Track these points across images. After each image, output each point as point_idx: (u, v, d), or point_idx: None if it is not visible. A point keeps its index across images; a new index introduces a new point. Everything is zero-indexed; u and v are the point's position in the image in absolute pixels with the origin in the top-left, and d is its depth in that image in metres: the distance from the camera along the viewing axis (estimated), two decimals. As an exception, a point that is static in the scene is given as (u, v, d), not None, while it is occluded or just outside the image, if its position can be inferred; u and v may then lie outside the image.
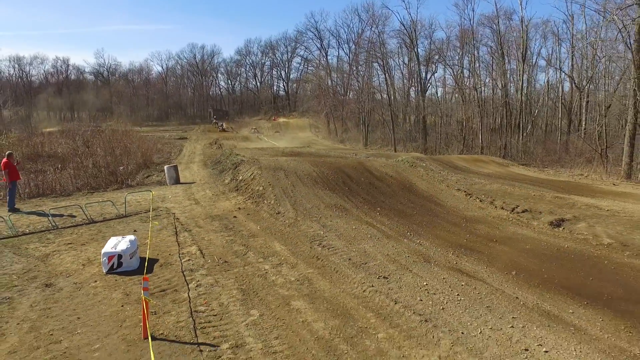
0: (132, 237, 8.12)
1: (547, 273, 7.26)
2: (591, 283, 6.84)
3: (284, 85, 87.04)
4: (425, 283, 6.76)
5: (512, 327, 5.33)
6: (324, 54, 74.86)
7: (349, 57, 66.47)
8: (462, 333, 5.19)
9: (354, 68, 60.11)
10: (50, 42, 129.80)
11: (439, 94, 54.02)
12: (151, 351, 4.41)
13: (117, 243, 7.70)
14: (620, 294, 6.40)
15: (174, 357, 4.75)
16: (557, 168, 25.72)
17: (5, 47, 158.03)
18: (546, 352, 4.76)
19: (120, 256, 7.40)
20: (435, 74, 51.42)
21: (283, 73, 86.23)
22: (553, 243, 9.06)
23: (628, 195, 14.14)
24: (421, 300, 6.12)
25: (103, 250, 7.51)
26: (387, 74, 52.12)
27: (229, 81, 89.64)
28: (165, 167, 18.34)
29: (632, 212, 11.09)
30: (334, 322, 5.52)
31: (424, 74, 49.36)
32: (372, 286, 6.62)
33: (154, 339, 5.00)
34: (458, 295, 6.31)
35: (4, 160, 12.34)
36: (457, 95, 47.59)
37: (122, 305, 6.09)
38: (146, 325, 4.97)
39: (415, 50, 48.33)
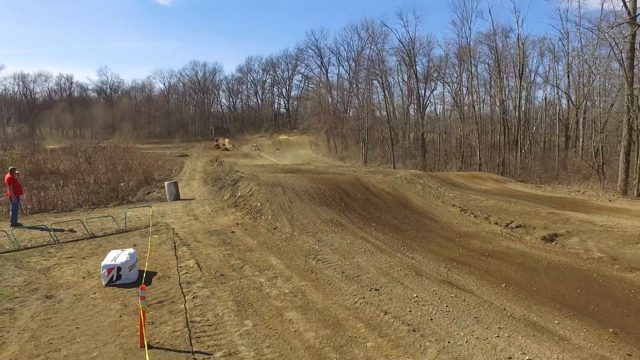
0: (131, 250, 8.32)
1: (536, 286, 7.43)
2: (579, 295, 7.01)
3: (284, 103, 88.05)
4: (415, 295, 6.92)
5: (497, 336, 5.49)
6: (325, 72, 75.92)
7: (349, 74, 67.31)
8: (449, 342, 5.35)
9: (354, 85, 60.85)
10: (54, 60, 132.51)
11: (438, 111, 54.63)
12: (147, 359, 4.58)
13: (117, 256, 7.90)
14: (607, 306, 6.56)
15: (169, 364, 4.92)
16: (555, 184, 25.89)
17: (10, 64, 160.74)
18: (529, 360, 4.92)
19: (119, 269, 7.59)
20: (434, 91, 52.08)
21: (284, 90, 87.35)
22: (544, 257, 9.24)
23: (623, 211, 14.31)
24: (410, 311, 6.29)
25: (103, 263, 7.70)
26: (386, 91, 52.86)
27: (230, 98, 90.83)
28: (166, 183, 18.59)
29: (625, 228, 11.27)
30: (325, 332, 5.68)
31: (422, 91, 50.10)
32: (364, 298, 6.79)
33: (150, 347, 5.18)
34: (447, 306, 6.48)
35: (8, 175, 12.62)
36: (455, 112, 48.08)
37: (120, 316, 6.26)
38: (143, 334, 5.15)
39: (414, 67, 49.18)
